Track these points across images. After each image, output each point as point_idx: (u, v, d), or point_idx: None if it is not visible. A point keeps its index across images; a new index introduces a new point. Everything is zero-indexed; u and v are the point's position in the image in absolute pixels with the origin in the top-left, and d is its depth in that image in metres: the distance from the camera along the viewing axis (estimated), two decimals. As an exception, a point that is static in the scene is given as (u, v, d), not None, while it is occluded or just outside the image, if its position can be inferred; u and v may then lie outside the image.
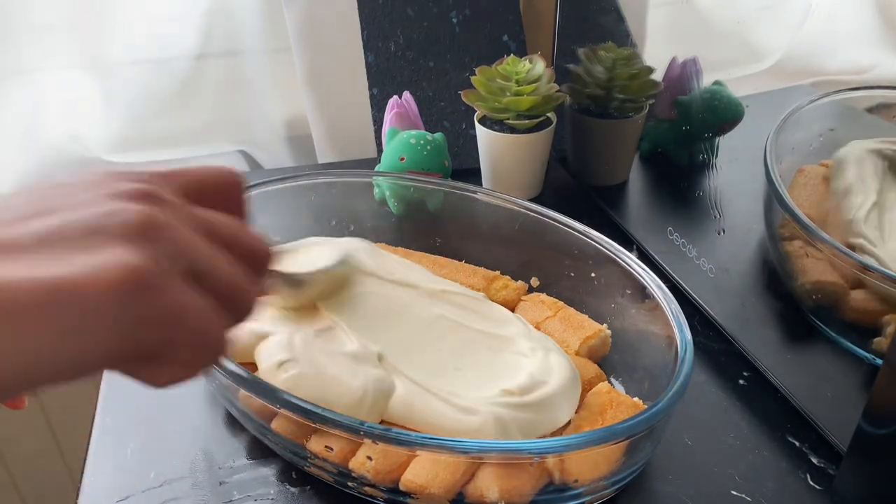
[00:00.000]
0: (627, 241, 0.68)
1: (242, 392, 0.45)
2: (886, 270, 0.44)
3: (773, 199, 0.51)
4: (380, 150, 0.78)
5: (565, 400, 0.47)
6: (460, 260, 0.62)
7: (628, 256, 0.54)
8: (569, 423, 0.47)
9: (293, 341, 0.48)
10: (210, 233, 0.27)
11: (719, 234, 0.57)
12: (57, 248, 0.23)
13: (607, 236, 0.56)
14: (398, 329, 0.52)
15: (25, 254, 0.22)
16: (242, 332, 0.49)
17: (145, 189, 0.26)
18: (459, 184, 0.63)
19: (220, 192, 0.31)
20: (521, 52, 0.80)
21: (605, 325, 0.55)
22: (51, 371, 0.22)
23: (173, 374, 0.25)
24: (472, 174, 0.78)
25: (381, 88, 0.82)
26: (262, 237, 0.30)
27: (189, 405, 0.53)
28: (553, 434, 0.46)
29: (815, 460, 0.48)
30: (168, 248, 0.24)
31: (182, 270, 0.25)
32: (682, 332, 0.46)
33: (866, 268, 0.45)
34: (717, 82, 0.56)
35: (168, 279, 0.24)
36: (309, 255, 0.54)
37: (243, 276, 0.28)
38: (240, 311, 0.27)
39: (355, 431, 0.40)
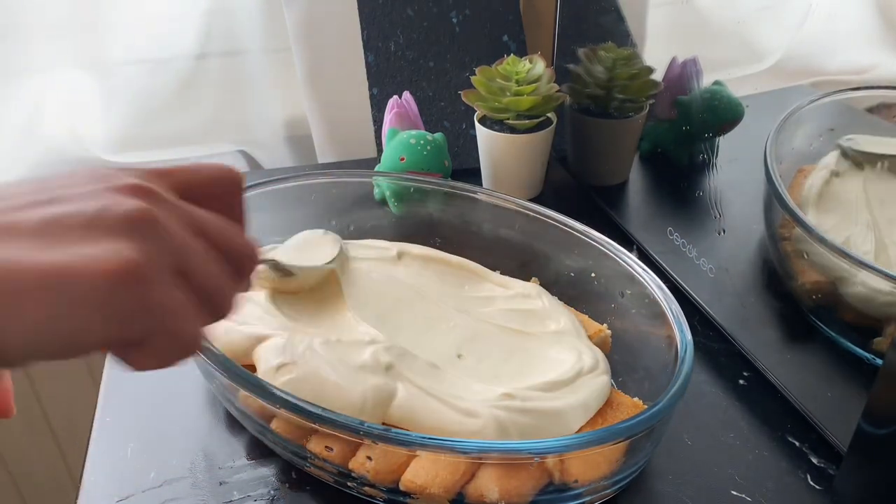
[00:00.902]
0: (627, 241, 0.68)
1: (242, 392, 0.45)
2: (886, 270, 0.44)
3: (773, 199, 0.51)
4: (380, 150, 0.79)
5: (574, 418, 0.46)
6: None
7: (628, 256, 0.54)
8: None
9: (292, 345, 0.48)
10: (200, 231, 0.28)
11: (719, 234, 0.57)
12: (56, 236, 0.24)
13: (607, 236, 0.56)
14: (418, 321, 0.53)
15: (27, 238, 0.24)
16: (241, 334, 0.49)
17: (142, 184, 0.27)
18: (459, 184, 0.63)
19: (216, 190, 0.31)
20: (521, 52, 0.80)
21: (605, 325, 0.55)
22: (44, 349, 0.23)
23: (149, 361, 0.26)
24: (472, 174, 0.78)
25: (381, 88, 0.82)
26: (250, 239, 0.31)
27: (189, 405, 0.53)
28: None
29: (815, 460, 0.48)
30: (160, 244, 0.26)
31: (171, 267, 0.26)
32: (682, 332, 0.46)
33: (866, 267, 0.45)
34: (717, 82, 0.56)
35: (158, 274, 0.25)
36: (311, 248, 0.56)
37: (226, 276, 0.29)
38: (218, 310, 0.29)
39: (355, 432, 0.40)
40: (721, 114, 0.56)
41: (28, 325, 0.23)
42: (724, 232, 0.57)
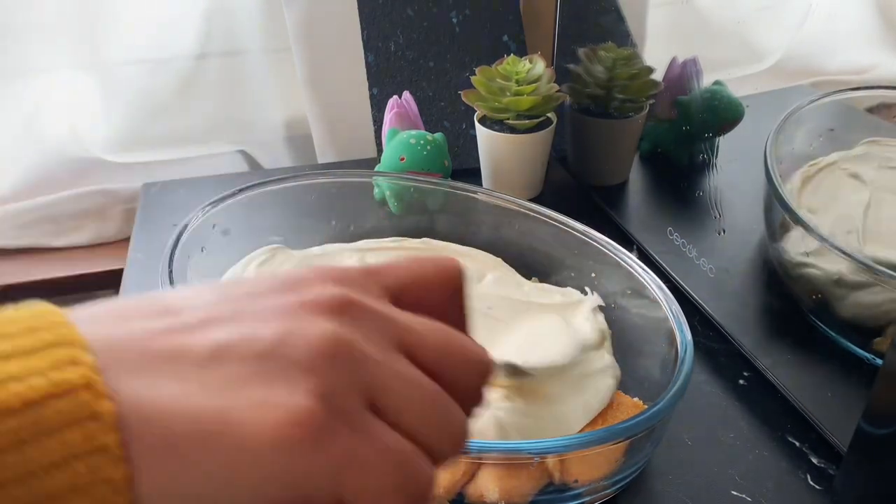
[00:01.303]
0: (627, 241, 0.68)
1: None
2: (887, 270, 0.44)
3: (773, 199, 0.51)
4: (380, 150, 0.79)
5: (575, 419, 0.46)
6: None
7: (628, 256, 0.54)
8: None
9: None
10: (415, 347, 0.23)
11: (719, 234, 0.57)
12: (226, 371, 0.20)
13: (607, 236, 0.56)
14: None
15: (193, 370, 0.19)
16: None
17: (342, 297, 0.22)
18: (459, 184, 0.63)
19: (436, 294, 0.26)
20: (521, 52, 0.80)
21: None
22: None
23: None
24: (472, 174, 0.78)
25: (381, 88, 0.82)
26: (479, 347, 0.25)
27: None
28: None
29: (815, 460, 0.48)
30: (352, 376, 0.21)
31: (367, 402, 0.21)
32: (682, 332, 0.46)
33: (868, 267, 0.45)
34: (717, 82, 0.56)
35: (342, 422, 0.20)
36: (540, 338, 0.51)
37: (448, 402, 0.23)
38: (445, 444, 0.23)
39: (355, 431, 0.40)
40: (721, 114, 0.56)
41: (171, 485, 0.18)
42: (724, 232, 0.57)
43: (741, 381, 0.55)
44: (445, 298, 0.27)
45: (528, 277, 0.60)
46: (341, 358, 0.21)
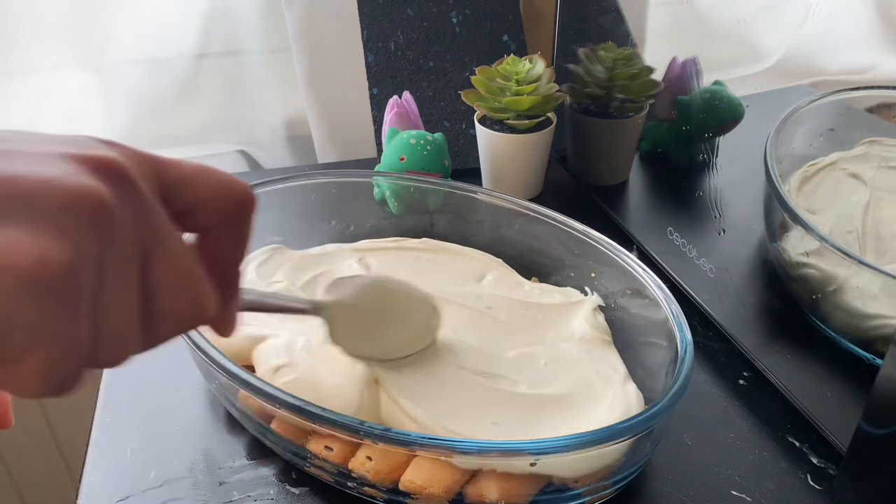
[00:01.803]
0: (627, 241, 0.68)
1: (242, 392, 0.45)
2: (886, 269, 0.44)
3: (773, 199, 0.51)
4: (380, 150, 0.79)
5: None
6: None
7: (628, 256, 0.54)
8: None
9: (292, 346, 0.48)
10: (153, 262, 0.22)
11: (719, 234, 0.57)
12: None
13: (607, 236, 0.56)
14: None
15: None
16: (240, 335, 0.49)
17: (116, 162, 0.22)
18: (459, 184, 0.63)
19: (218, 206, 0.25)
20: (521, 52, 0.80)
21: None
22: None
23: (5, 384, 0.21)
24: (472, 174, 0.78)
25: (381, 88, 0.82)
26: (211, 300, 0.24)
27: (189, 405, 0.53)
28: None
29: (815, 460, 0.48)
30: (96, 247, 0.20)
31: (92, 284, 0.21)
32: (682, 332, 0.46)
33: (866, 266, 0.45)
34: (717, 82, 0.56)
35: (72, 289, 0.20)
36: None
37: (137, 334, 0.23)
38: (100, 359, 0.22)
39: (355, 432, 0.40)
40: (721, 114, 0.56)
41: None
42: (724, 232, 0.57)
43: (741, 381, 0.55)
44: (224, 218, 0.25)
45: (528, 277, 0.60)
46: (99, 217, 0.20)
